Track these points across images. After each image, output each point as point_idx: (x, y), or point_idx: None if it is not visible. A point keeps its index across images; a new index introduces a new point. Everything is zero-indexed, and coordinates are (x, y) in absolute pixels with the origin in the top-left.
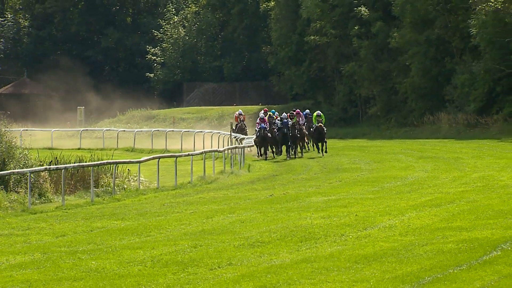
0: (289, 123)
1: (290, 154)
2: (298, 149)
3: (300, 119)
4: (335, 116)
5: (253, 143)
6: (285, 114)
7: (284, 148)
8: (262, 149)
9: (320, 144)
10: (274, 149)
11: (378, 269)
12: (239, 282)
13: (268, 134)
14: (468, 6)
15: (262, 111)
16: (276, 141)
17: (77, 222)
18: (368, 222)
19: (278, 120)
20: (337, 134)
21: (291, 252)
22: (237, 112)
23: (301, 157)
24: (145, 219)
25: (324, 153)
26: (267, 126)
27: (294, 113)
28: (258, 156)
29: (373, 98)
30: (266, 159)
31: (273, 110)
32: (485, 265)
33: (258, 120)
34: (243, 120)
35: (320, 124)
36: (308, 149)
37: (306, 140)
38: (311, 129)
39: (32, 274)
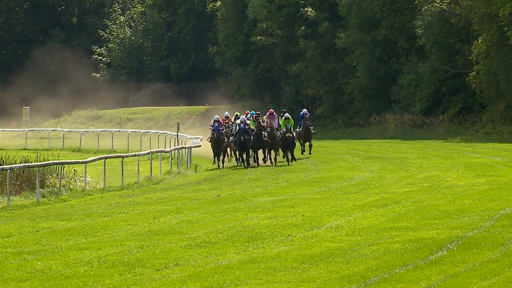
0: (246, 127)
1: (244, 162)
2: (269, 158)
3: (276, 121)
4: None
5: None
6: (243, 117)
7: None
8: (220, 155)
9: (289, 153)
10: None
11: (324, 269)
12: (186, 282)
13: (224, 138)
14: (413, 7)
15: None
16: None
17: (23, 223)
18: (315, 222)
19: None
20: None
21: (238, 253)
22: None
23: (274, 165)
24: (91, 220)
25: (291, 162)
26: (222, 129)
27: (265, 115)
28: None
29: (320, 99)
30: (222, 167)
31: (253, 112)
32: (431, 265)
33: (212, 122)
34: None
35: (288, 134)
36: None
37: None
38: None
39: None
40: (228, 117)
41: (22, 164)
